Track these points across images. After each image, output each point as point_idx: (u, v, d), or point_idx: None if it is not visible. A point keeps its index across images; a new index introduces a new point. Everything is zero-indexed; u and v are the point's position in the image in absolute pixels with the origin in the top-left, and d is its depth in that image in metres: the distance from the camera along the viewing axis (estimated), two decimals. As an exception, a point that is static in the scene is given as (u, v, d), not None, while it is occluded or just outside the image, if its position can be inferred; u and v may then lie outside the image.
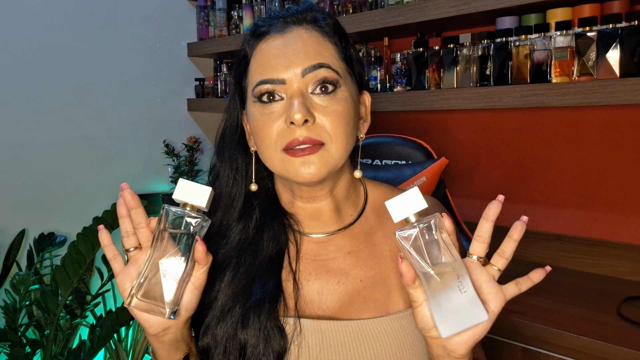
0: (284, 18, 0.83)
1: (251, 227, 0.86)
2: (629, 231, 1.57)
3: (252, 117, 0.81)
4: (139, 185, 2.51)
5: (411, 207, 0.68)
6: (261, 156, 0.83)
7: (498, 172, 1.83)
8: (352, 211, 0.89)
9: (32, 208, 2.23)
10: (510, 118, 1.79)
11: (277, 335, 0.77)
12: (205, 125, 2.72)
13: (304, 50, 0.79)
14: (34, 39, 2.22)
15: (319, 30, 0.82)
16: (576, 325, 1.23)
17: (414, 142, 1.39)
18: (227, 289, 0.82)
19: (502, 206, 0.73)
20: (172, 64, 2.60)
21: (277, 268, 0.83)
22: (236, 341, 0.78)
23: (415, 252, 0.68)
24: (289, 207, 0.89)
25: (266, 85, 0.79)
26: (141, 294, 0.71)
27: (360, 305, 0.83)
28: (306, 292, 0.84)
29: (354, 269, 0.85)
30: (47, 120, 2.26)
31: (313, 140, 0.77)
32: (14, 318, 1.79)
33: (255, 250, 0.84)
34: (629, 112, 1.55)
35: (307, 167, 0.77)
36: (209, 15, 2.56)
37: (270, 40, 0.82)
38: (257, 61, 0.82)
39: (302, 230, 0.87)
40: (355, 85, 0.85)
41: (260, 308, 0.78)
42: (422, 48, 1.73)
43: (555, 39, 1.43)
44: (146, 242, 0.75)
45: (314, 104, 0.78)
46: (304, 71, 0.78)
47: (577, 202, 1.67)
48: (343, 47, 0.83)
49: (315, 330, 0.80)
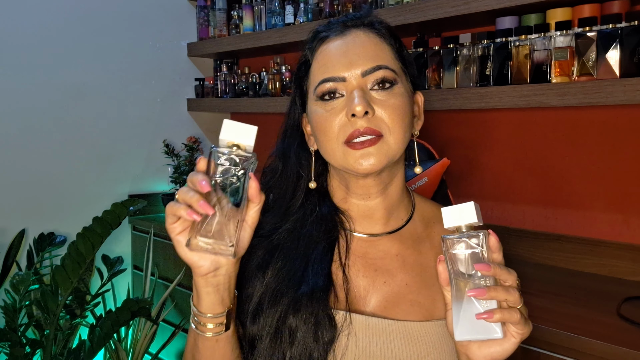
0: (343, 23, 0.88)
1: (307, 219, 0.89)
2: (629, 231, 1.57)
3: (315, 114, 0.86)
4: (139, 185, 2.51)
5: (464, 218, 0.72)
6: (323, 151, 0.86)
7: (498, 172, 1.83)
8: (402, 215, 0.92)
9: (32, 208, 2.23)
10: (510, 118, 1.79)
11: (327, 324, 0.80)
12: (205, 125, 2.72)
13: (363, 51, 0.84)
14: (34, 40, 2.22)
15: (376, 32, 0.87)
16: (576, 325, 1.23)
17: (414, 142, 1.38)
18: (280, 273, 0.84)
19: (502, 206, 0.74)
20: (172, 64, 2.60)
21: (328, 259, 0.86)
22: (287, 325, 0.80)
23: (454, 258, 0.72)
24: (342, 203, 0.91)
25: (328, 84, 0.83)
26: (200, 234, 0.70)
27: (406, 307, 0.85)
28: (354, 286, 0.86)
29: (400, 272, 0.88)
30: (47, 120, 2.26)
31: (373, 130, 0.80)
32: (13, 318, 1.79)
33: (309, 241, 0.87)
34: (628, 112, 1.55)
35: (367, 158, 0.80)
36: (209, 15, 2.56)
37: (330, 42, 0.86)
38: (318, 62, 0.87)
39: (353, 228, 0.90)
40: (410, 83, 0.89)
41: (312, 295, 0.81)
42: (422, 48, 1.73)
43: (555, 39, 1.43)
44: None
45: (373, 98, 0.82)
46: (364, 72, 0.83)
47: (577, 202, 1.67)
48: (398, 49, 0.88)
49: (364, 325, 0.82)
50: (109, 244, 1.85)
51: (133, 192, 2.44)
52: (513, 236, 1.75)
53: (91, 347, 1.76)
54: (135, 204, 1.79)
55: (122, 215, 1.75)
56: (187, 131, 2.62)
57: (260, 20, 2.33)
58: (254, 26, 2.35)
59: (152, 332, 2.14)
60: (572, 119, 1.66)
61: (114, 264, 2.01)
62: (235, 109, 2.59)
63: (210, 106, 2.59)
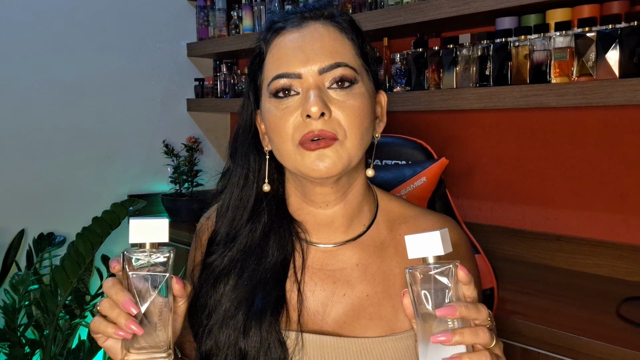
0: (301, 13, 0.81)
1: (258, 231, 0.84)
2: (629, 231, 1.57)
3: (268, 113, 0.80)
4: (139, 185, 2.50)
5: (431, 249, 0.64)
6: (276, 152, 0.81)
7: (498, 172, 1.83)
8: (364, 220, 0.86)
9: (32, 208, 2.23)
10: (510, 118, 1.79)
11: (277, 348, 0.76)
12: (204, 126, 2.72)
13: (321, 47, 0.78)
14: (33, 39, 2.22)
15: (336, 26, 0.81)
16: (575, 326, 1.22)
17: (414, 142, 1.38)
18: (230, 294, 0.80)
19: (502, 206, 0.71)
20: (172, 64, 2.60)
21: (282, 278, 0.81)
22: (237, 349, 0.77)
23: (419, 294, 0.65)
24: (297, 213, 0.86)
25: (282, 80, 0.78)
26: (133, 346, 0.68)
27: (365, 322, 0.81)
28: (310, 303, 0.82)
29: (361, 283, 0.83)
30: (46, 120, 2.26)
31: (328, 134, 0.75)
32: (13, 318, 1.79)
33: (260, 257, 0.83)
34: (628, 113, 1.55)
35: (322, 160, 0.75)
36: (209, 15, 2.56)
37: (286, 34, 0.80)
38: (272, 56, 0.81)
39: (310, 239, 0.85)
40: (372, 82, 0.84)
41: (262, 318, 0.77)
42: (421, 48, 1.73)
43: (554, 39, 1.43)
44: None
45: (330, 98, 0.77)
46: (321, 70, 0.77)
47: (576, 202, 1.67)
48: (360, 44, 0.82)
49: (318, 345, 0.78)
50: (108, 244, 1.85)
51: (132, 193, 2.44)
52: (513, 236, 1.76)
53: (90, 347, 1.76)
54: (134, 204, 1.79)
55: (122, 216, 1.75)
56: (187, 131, 2.62)
57: (260, 21, 2.33)
58: (254, 26, 2.35)
59: (152, 332, 2.14)
60: (571, 120, 1.66)
61: (113, 264, 2.01)
62: (234, 109, 2.59)
63: (210, 106, 2.59)
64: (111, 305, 0.66)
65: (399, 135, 1.41)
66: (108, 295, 0.67)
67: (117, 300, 0.66)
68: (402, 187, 1.26)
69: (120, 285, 0.67)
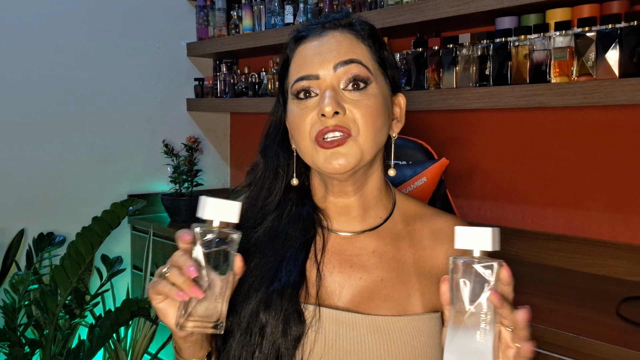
0: (322, 24, 0.89)
1: (284, 217, 0.91)
2: (629, 231, 1.57)
3: (291, 112, 0.87)
4: (139, 185, 2.50)
5: (480, 243, 0.67)
6: (298, 149, 0.88)
7: (498, 172, 1.83)
8: (381, 213, 0.93)
9: (31, 208, 2.23)
10: (510, 118, 1.79)
11: (296, 319, 0.81)
12: (204, 125, 2.72)
13: (337, 48, 0.85)
14: (33, 40, 2.22)
15: (353, 33, 0.87)
16: (575, 325, 1.23)
17: (414, 142, 1.39)
18: (255, 271, 0.86)
19: (502, 206, 0.72)
20: (172, 64, 2.60)
21: (303, 257, 0.87)
22: (258, 321, 0.82)
23: (459, 282, 0.67)
24: (321, 202, 0.93)
25: (302, 82, 0.85)
26: (190, 315, 0.72)
27: (379, 302, 0.86)
28: (328, 283, 0.87)
29: (376, 268, 0.88)
30: (46, 120, 2.26)
31: (342, 128, 0.81)
32: (13, 318, 1.79)
33: (285, 239, 0.89)
34: (628, 112, 1.55)
35: (336, 158, 0.81)
36: (209, 15, 2.56)
37: (307, 42, 0.88)
38: (295, 62, 0.89)
39: (331, 226, 0.91)
40: (388, 85, 0.89)
41: (283, 292, 0.82)
42: (421, 48, 1.73)
43: (554, 39, 1.43)
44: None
45: (345, 99, 0.83)
46: (335, 66, 0.83)
47: (576, 202, 1.67)
48: (377, 50, 0.88)
49: (334, 319, 0.83)
50: (108, 244, 1.85)
51: (132, 192, 2.44)
52: (513, 236, 1.76)
53: (90, 347, 1.76)
54: (134, 204, 1.79)
55: (122, 215, 1.75)
56: (187, 131, 2.62)
57: (259, 20, 2.33)
58: (254, 26, 2.35)
59: (152, 332, 2.14)
60: (571, 119, 1.66)
61: (113, 264, 2.01)
62: (234, 109, 2.59)
63: (209, 106, 2.59)
64: (180, 273, 0.71)
65: (400, 135, 1.41)
66: (177, 264, 0.72)
67: (182, 265, 0.71)
68: (403, 187, 1.26)
69: (189, 256, 0.72)
